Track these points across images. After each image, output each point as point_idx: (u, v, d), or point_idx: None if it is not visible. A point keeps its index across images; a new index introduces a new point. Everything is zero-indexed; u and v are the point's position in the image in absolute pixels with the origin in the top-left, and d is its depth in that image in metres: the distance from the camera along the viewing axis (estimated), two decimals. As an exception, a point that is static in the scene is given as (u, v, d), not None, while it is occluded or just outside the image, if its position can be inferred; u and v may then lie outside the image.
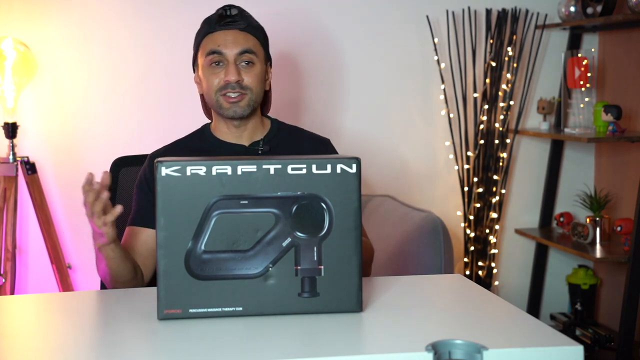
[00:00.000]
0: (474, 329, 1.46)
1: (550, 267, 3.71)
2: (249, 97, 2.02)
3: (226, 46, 2.00)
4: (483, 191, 3.54)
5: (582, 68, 3.32)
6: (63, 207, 3.29)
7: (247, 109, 2.02)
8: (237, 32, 2.03)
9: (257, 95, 2.04)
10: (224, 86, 2.00)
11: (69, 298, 1.87)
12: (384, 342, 1.41)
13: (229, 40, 2.01)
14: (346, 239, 1.51)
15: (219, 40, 2.01)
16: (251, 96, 2.02)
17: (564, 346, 1.35)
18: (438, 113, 3.56)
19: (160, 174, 1.49)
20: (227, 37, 2.01)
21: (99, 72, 3.29)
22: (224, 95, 2.01)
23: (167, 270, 1.49)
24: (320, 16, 3.44)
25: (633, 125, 3.41)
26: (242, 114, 2.02)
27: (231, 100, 2.00)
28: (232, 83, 1.99)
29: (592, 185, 3.65)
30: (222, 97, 2.01)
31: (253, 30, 2.05)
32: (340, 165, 1.51)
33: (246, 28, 2.03)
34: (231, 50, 2.00)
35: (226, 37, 2.01)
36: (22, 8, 3.21)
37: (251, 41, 2.03)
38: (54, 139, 3.27)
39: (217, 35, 2.02)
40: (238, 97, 2.00)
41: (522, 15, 3.56)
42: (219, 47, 2.00)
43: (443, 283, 1.94)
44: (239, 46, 2.01)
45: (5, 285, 3.02)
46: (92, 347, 1.42)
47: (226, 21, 2.02)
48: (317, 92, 3.46)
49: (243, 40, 2.02)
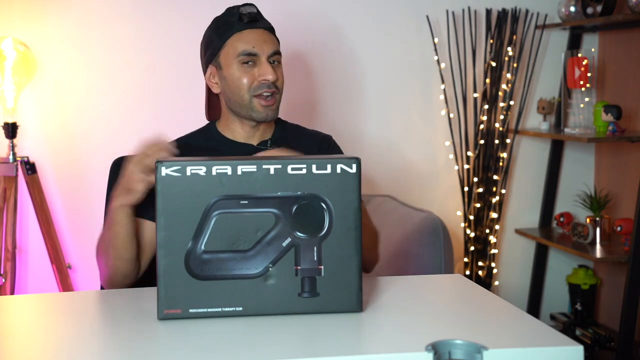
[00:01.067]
0: (474, 329, 1.47)
1: (550, 267, 3.71)
2: (278, 97, 2.02)
3: (260, 46, 1.99)
4: (483, 191, 3.54)
5: (582, 68, 3.32)
6: (63, 207, 3.28)
7: (277, 111, 2.03)
8: (265, 32, 2.03)
9: (281, 95, 2.05)
10: (258, 86, 1.99)
11: (69, 298, 1.87)
12: (384, 342, 1.41)
13: (262, 40, 2.00)
14: (346, 239, 1.51)
15: (251, 40, 1.99)
16: (279, 97, 2.03)
17: (564, 346, 1.35)
18: (438, 113, 3.56)
19: (160, 174, 1.49)
20: (259, 37, 2.00)
21: (99, 72, 3.29)
22: (259, 96, 1.99)
23: (167, 270, 1.49)
24: (320, 16, 3.44)
25: (633, 125, 3.41)
26: (273, 116, 2.02)
27: (267, 104, 1.99)
28: (269, 82, 1.99)
29: (592, 185, 3.65)
30: (256, 98, 1.99)
31: (274, 31, 2.07)
32: (340, 165, 1.51)
33: (270, 28, 2.05)
34: (265, 50, 2.00)
35: (258, 37, 2.00)
36: (22, 8, 3.21)
37: (276, 42, 2.05)
38: (54, 139, 3.27)
39: (247, 34, 2.00)
40: (271, 100, 1.99)
41: (522, 15, 3.56)
42: (253, 47, 1.99)
43: (443, 283, 1.94)
44: (272, 46, 2.01)
45: (5, 285, 3.02)
46: (92, 347, 1.42)
47: (251, 19, 2.01)
48: (317, 93, 3.46)
49: (272, 41, 2.03)
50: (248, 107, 2.00)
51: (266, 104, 1.99)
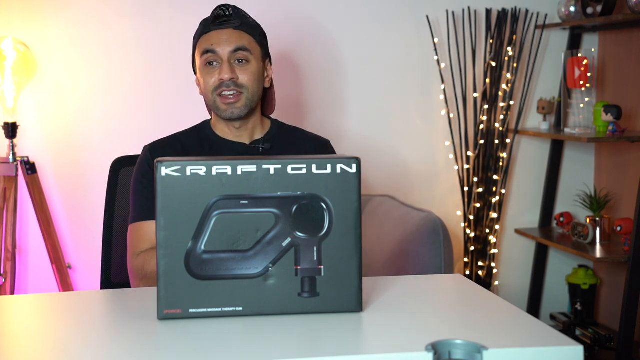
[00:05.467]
0: (474, 329, 1.46)
1: (550, 267, 3.71)
2: (245, 96, 2.02)
3: (219, 45, 2.01)
4: (483, 191, 3.54)
5: (582, 68, 3.32)
6: (63, 207, 3.28)
7: (244, 109, 2.02)
8: (231, 30, 2.03)
9: (253, 93, 2.04)
10: (218, 85, 2.01)
11: (69, 298, 1.87)
12: (384, 342, 1.41)
13: (222, 39, 2.02)
14: (346, 239, 1.51)
15: (212, 39, 2.02)
16: (247, 95, 2.02)
17: (564, 346, 1.35)
18: (438, 113, 3.56)
19: (160, 174, 1.49)
20: (220, 36, 2.02)
21: (99, 72, 3.29)
22: (220, 95, 2.01)
23: (167, 270, 1.49)
24: (320, 16, 3.44)
25: (633, 125, 3.41)
26: (239, 114, 2.02)
27: (228, 101, 2.01)
28: (226, 81, 2.00)
29: (592, 185, 3.65)
30: (219, 97, 2.02)
31: (248, 28, 2.05)
32: (340, 165, 1.51)
33: (240, 26, 2.04)
34: (224, 48, 2.01)
35: (220, 37, 2.02)
36: (22, 8, 3.21)
37: (245, 39, 2.03)
38: (54, 139, 3.27)
39: (211, 35, 2.03)
40: (234, 97, 2.01)
41: (522, 15, 3.56)
42: (212, 46, 2.01)
43: (443, 283, 1.94)
44: (232, 44, 2.01)
45: (5, 285, 3.02)
46: (92, 347, 1.42)
47: (221, 20, 2.03)
48: (317, 93, 3.46)
49: (236, 39, 2.02)
50: (214, 107, 2.04)
51: (229, 102, 2.01)
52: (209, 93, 2.03)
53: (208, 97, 2.04)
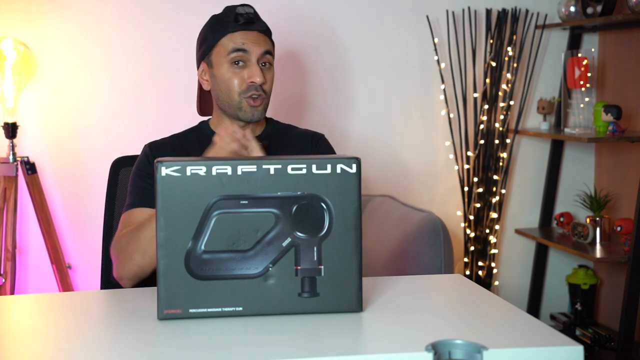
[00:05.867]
0: (474, 329, 1.47)
1: (550, 267, 3.71)
2: (265, 100, 2.04)
3: (251, 45, 2.01)
4: (483, 191, 3.54)
5: (582, 68, 3.32)
6: (63, 207, 3.28)
7: (263, 113, 2.05)
8: (258, 33, 2.04)
9: (269, 98, 2.06)
10: (247, 88, 2.00)
11: (69, 298, 1.87)
12: (384, 342, 1.41)
13: (253, 40, 2.01)
14: (346, 239, 1.52)
15: (242, 39, 2.01)
16: (266, 99, 2.05)
17: (564, 346, 1.35)
18: (438, 113, 3.56)
19: (160, 174, 1.49)
20: (249, 37, 2.02)
21: (99, 72, 3.29)
22: (248, 98, 2.01)
23: (167, 270, 1.49)
24: (320, 16, 3.44)
25: (633, 125, 3.41)
26: (259, 117, 2.04)
27: (254, 104, 2.01)
28: (256, 85, 2.00)
29: (592, 185, 3.65)
30: (246, 99, 2.01)
31: (269, 33, 2.08)
32: (340, 165, 1.51)
33: (265, 30, 2.06)
34: (255, 50, 2.01)
35: (249, 37, 2.02)
36: (22, 8, 3.21)
37: (269, 43, 2.06)
38: (54, 139, 3.27)
39: (240, 35, 2.02)
40: (258, 101, 2.01)
41: (522, 15, 3.56)
42: (243, 45, 2.00)
43: (443, 283, 1.94)
44: (262, 47, 2.02)
45: (5, 285, 3.02)
46: (92, 347, 1.42)
47: (247, 21, 2.02)
48: (317, 92, 3.46)
49: (264, 41, 2.04)
50: (236, 107, 2.03)
51: (254, 105, 2.01)
52: (235, 94, 2.01)
53: (231, 98, 2.02)
